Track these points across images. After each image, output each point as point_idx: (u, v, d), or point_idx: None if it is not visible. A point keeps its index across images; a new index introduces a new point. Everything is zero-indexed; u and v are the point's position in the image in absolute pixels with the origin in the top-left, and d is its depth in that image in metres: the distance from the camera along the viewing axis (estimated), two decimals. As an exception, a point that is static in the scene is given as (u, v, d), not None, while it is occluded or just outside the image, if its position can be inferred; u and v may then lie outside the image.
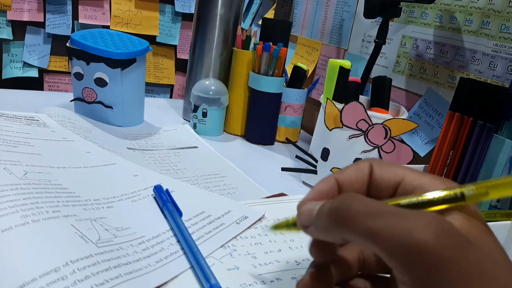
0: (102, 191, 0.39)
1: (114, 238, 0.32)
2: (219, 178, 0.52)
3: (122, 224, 0.34)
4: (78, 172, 0.42)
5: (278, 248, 0.36)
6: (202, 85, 0.68)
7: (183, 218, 0.36)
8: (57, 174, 0.39)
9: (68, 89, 1.37)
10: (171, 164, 0.54)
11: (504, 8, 0.50)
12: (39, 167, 0.40)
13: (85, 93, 0.63)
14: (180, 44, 1.47)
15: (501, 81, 0.50)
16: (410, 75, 0.62)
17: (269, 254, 0.35)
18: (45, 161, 0.41)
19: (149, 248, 0.32)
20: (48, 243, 0.27)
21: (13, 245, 0.26)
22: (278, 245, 0.36)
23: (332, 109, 0.51)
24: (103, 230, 0.32)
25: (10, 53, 1.30)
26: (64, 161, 0.43)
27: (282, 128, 0.73)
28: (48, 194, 0.34)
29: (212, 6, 0.72)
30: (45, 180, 0.37)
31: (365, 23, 0.72)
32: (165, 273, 0.29)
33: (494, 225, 0.35)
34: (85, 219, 0.32)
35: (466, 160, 0.43)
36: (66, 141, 0.49)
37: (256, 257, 0.34)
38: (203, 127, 0.69)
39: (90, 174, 0.42)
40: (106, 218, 0.34)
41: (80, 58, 0.61)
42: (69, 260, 0.26)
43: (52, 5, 1.28)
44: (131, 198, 0.39)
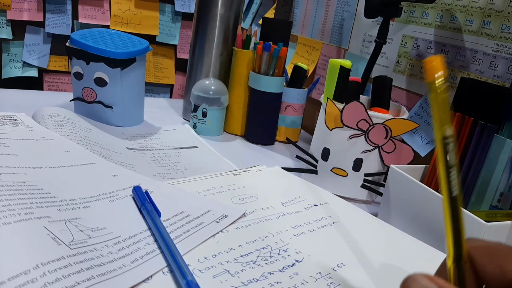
0: (79, 191, 0.38)
1: (89, 239, 0.31)
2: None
3: (98, 224, 0.33)
4: (55, 172, 0.41)
5: (261, 246, 0.35)
6: (202, 85, 0.68)
7: (161, 218, 0.36)
8: (32, 174, 0.39)
9: (68, 88, 1.37)
10: (171, 164, 0.54)
11: (505, 8, 0.49)
12: (14, 168, 0.39)
13: (85, 93, 0.63)
14: (180, 44, 1.47)
15: (502, 81, 0.49)
16: (410, 75, 0.62)
17: (248, 255, 0.34)
18: (21, 161, 0.41)
19: (125, 248, 0.31)
20: (18, 246, 0.27)
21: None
22: (259, 244, 0.35)
23: (332, 109, 0.51)
24: (77, 231, 0.31)
25: (10, 52, 1.30)
26: (41, 161, 0.42)
27: (282, 128, 0.72)
28: (21, 196, 0.34)
29: (212, 6, 0.72)
30: (19, 182, 0.36)
31: (366, 23, 0.72)
32: (140, 272, 0.29)
33: (495, 225, 0.35)
34: (58, 220, 0.32)
35: (467, 160, 0.43)
36: (45, 140, 0.48)
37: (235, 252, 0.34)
38: (203, 127, 0.69)
39: (68, 174, 0.41)
40: (81, 219, 0.33)
41: (80, 58, 0.61)
42: (40, 262, 0.26)
43: (51, 4, 1.28)
44: (109, 198, 0.38)
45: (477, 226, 0.35)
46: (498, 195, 0.41)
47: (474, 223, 0.36)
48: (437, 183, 0.45)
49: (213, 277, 0.29)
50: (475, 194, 0.42)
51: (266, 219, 0.39)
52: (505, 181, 0.41)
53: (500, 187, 0.41)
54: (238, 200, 0.42)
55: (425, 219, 0.41)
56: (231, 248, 0.33)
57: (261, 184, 0.46)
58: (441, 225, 0.40)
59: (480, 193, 0.42)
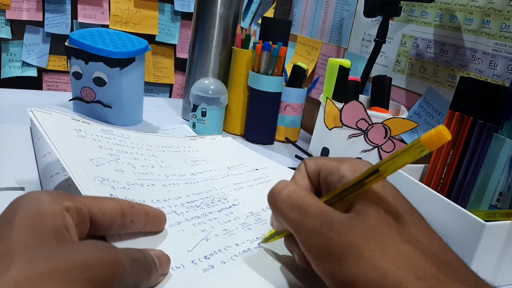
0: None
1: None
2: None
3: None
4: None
5: (205, 196, 0.39)
6: (202, 85, 0.68)
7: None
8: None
9: (67, 88, 1.37)
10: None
11: (504, 7, 0.49)
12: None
13: (84, 93, 0.63)
14: (179, 43, 1.47)
15: (502, 80, 0.49)
16: (410, 74, 0.62)
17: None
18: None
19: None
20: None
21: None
22: (203, 195, 0.39)
23: (331, 108, 0.51)
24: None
25: (9, 52, 1.30)
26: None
27: (282, 128, 0.72)
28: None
29: (211, 5, 0.72)
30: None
31: (365, 22, 0.72)
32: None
33: (494, 225, 0.35)
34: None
35: (466, 159, 0.43)
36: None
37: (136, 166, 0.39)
38: (203, 126, 0.69)
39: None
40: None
41: (79, 58, 0.61)
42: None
43: (51, 4, 1.28)
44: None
45: (476, 226, 0.35)
46: (497, 195, 0.41)
47: (473, 222, 0.36)
48: (436, 182, 0.45)
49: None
50: (474, 193, 0.42)
51: (212, 178, 0.43)
52: (505, 180, 0.41)
53: (499, 186, 0.41)
54: (190, 161, 0.46)
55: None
56: (179, 196, 0.37)
57: (213, 151, 0.51)
58: (441, 225, 0.40)
59: (479, 193, 0.42)
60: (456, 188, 0.43)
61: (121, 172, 0.37)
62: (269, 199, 0.27)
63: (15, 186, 0.38)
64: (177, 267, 0.27)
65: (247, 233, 0.34)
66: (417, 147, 0.22)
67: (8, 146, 0.48)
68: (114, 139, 0.42)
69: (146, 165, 0.41)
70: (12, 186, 0.38)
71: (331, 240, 0.23)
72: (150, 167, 0.41)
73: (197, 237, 0.32)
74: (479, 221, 0.35)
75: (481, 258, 0.36)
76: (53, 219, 0.22)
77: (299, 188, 0.26)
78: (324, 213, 0.24)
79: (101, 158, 0.37)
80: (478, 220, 0.35)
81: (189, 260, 0.29)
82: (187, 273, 0.27)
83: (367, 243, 0.22)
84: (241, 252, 0.31)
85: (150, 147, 0.45)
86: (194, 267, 0.28)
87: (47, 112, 0.38)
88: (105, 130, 0.43)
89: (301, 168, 0.29)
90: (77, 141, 0.38)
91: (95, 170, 0.35)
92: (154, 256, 0.25)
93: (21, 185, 0.39)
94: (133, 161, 0.40)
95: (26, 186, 0.39)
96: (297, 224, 0.25)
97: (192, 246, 0.30)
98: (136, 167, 0.39)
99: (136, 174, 0.38)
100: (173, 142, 0.49)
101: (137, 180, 0.37)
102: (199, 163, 0.46)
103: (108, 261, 0.21)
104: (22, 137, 0.52)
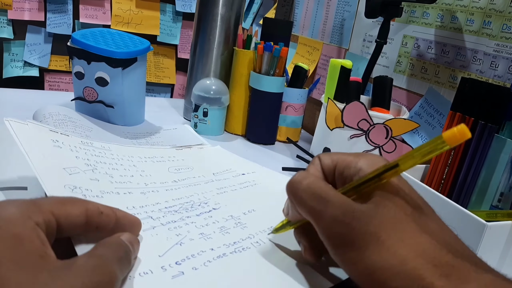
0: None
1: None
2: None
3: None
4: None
5: (185, 201, 0.38)
6: (203, 85, 0.68)
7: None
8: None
9: (69, 88, 1.37)
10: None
11: (505, 8, 0.49)
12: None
13: (86, 93, 0.63)
14: (180, 44, 1.47)
15: (503, 81, 0.49)
16: (411, 75, 0.62)
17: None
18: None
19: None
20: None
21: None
22: (183, 200, 0.38)
23: (333, 108, 0.51)
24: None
25: (11, 52, 1.30)
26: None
27: (283, 128, 0.72)
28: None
29: (213, 6, 0.72)
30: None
31: (366, 23, 0.72)
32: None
33: (495, 225, 0.35)
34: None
35: (468, 160, 0.43)
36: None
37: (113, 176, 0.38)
38: (204, 126, 0.69)
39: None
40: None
41: (81, 58, 0.61)
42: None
43: (53, 4, 1.28)
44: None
45: (478, 226, 0.35)
46: (498, 195, 0.41)
47: (475, 223, 0.36)
48: (437, 183, 0.45)
49: None
50: (475, 194, 0.42)
51: (195, 184, 0.42)
52: (506, 181, 0.41)
53: (500, 187, 0.41)
54: (174, 170, 0.44)
55: (425, 218, 0.41)
56: (157, 202, 0.36)
57: (199, 159, 0.50)
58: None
59: (480, 193, 0.42)
60: (457, 189, 0.43)
61: (96, 181, 0.36)
62: (289, 188, 0.28)
63: (18, 185, 0.39)
64: (145, 273, 0.26)
65: (224, 237, 0.32)
66: (438, 144, 0.22)
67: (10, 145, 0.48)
68: (94, 151, 0.41)
69: (125, 174, 0.39)
70: (15, 186, 0.38)
71: (353, 229, 0.24)
72: (129, 176, 0.39)
73: (170, 241, 0.30)
74: (480, 221, 0.35)
75: (483, 259, 0.36)
76: (31, 241, 0.21)
77: (319, 179, 0.27)
78: (345, 203, 0.25)
79: (76, 167, 0.36)
80: (479, 221, 0.35)
81: (159, 265, 0.27)
82: (154, 279, 0.26)
83: (387, 232, 0.23)
84: (216, 257, 0.30)
85: (132, 158, 0.44)
86: (163, 273, 0.27)
87: (24, 123, 0.37)
88: (84, 143, 0.42)
89: (316, 163, 0.30)
90: (52, 150, 0.36)
91: (67, 178, 0.34)
92: (128, 243, 0.25)
93: (24, 185, 0.39)
94: (111, 171, 0.39)
95: (29, 186, 0.39)
96: (318, 213, 0.26)
97: (164, 251, 0.29)
98: (113, 177, 0.38)
99: (113, 183, 0.37)
100: (157, 152, 0.47)
101: (113, 188, 0.36)
102: (182, 171, 0.45)
103: (104, 281, 0.21)
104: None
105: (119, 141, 0.59)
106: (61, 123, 0.55)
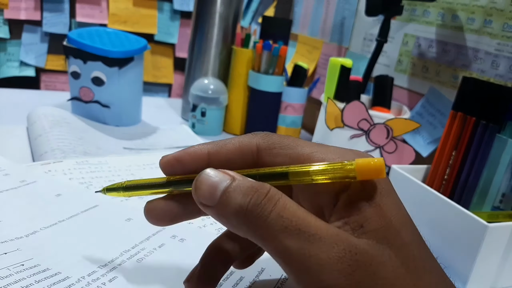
0: (96, 256, 0.29)
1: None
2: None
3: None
4: (54, 233, 0.31)
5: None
6: (201, 84, 0.68)
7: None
8: (28, 247, 0.28)
9: (65, 88, 1.36)
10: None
11: (506, 7, 0.49)
12: (3, 243, 0.28)
13: (82, 93, 0.62)
14: (178, 43, 1.46)
15: (504, 80, 0.49)
16: (412, 74, 0.62)
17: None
18: (8, 231, 0.30)
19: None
20: None
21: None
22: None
23: (333, 108, 0.51)
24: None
25: (7, 52, 1.29)
26: (31, 222, 0.31)
27: (283, 128, 0.72)
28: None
29: (211, 4, 0.71)
30: (16, 265, 0.26)
31: (367, 21, 0.71)
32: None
33: (497, 226, 0.35)
34: None
35: (469, 160, 0.42)
36: (26, 185, 0.37)
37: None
38: (202, 126, 0.68)
39: (68, 232, 0.31)
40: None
41: (77, 57, 0.60)
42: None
43: (49, 3, 1.27)
44: (136, 256, 0.30)
45: (479, 227, 0.35)
46: (500, 196, 0.41)
47: (476, 224, 0.35)
48: (439, 183, 0.45)
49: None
50: (476, 195, 0.42)
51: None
52: (507, 181, 0.41)
53: (502, 187, 0.41)
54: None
55: (426, 220, 0.41)
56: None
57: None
58: (443, 226, 0.39)
59: (482, 194, 0.41)
60: (459, 189, 0.43)
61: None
62: (243, 219, 0.19)
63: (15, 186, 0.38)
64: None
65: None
66: (346, 170, 0.19)
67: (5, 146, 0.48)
68: (89, 167, 0.41)
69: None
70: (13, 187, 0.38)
71: (359, 283, 0.17)
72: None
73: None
74: (481, 222, 0.35)
75: (484, 260, 0.36)
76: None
77: (291, 201, 0.19)
78: (340, 238, 0.18)
79: (70, 187, 0.36)
80: (480, 222, 0.35)
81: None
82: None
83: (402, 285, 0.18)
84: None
85: (130, 167, 0.44)
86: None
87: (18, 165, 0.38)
88: (79, 162, 0.42)
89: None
90: (44, 178, 0.37)
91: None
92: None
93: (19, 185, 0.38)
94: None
95: None
96: (297, 254, 0.18)
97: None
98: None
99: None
100: (156, 159, 0.47)
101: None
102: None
103: None
104: (19, 137, 0.52)
105: (114, 142, 0.58)
106: (56, 125, 0.54)
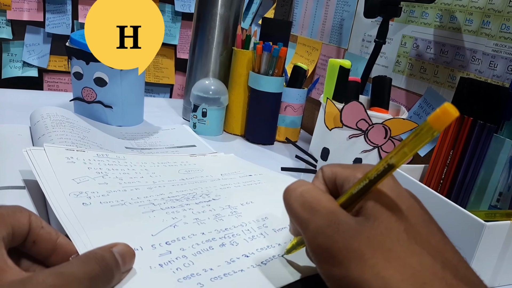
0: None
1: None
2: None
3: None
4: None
5: (188, 192, 0.39)
6: (202, 85, 0.68)
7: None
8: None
9: (68, 88, 1.37)
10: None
11: (504, 8, 0.49)
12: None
13: (85, 93, 0.63)
14: (180, 44, 1.47)
15: (501, 81, 0.49)
16: (410, 75, 0.62)
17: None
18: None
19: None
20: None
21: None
22: (186, 192, 0.39)
23: (332, 108, 0.51)
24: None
25: (10, 52, 1.30)
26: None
27: (282, 128, 0.72)
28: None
29: (212, 6, 0.72)
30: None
31: (365, 23, 0.72)
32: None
33: (494, 225, 0.35)
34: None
35: (466, 160, 0.43)
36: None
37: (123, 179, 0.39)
38: (203, 126, 0.69)
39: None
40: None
41: (79, 58, 0.61)
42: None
43: (51, 4, 1.28)
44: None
45: (476, 226, 0.35)
46: (497, 195, 0.41)
47: (473, 222, 0.36)
48: (436, 183, 0.45)
49: (138, 206, 0.34)
50: (474, 193, 0.42)
51: (201, 181, 0.43)
52: (504, 180, 0.41)
53: (499, 186, 0.41)
54: (184, 171, 0.45)
55: (424, 218, 0.41)
56: (161, 193, 0.38)
57: (211, 164, 0.50)
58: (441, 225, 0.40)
59: (479, 193, 0.42)
60: (456, 188, 0.43)
61: (105, 184, 0.37)
62: (284, 196, 0.27)
63: (16, 185, 0.39)
64: (136, 249, 0.27)
65: (217, 224, 0.34)
66: (426, 130, 0.20)
67: (8, 145, 0.48)
68: (107, 161, 0.42)
69: (134, 176, 0.40)
70: (14, 185, 0.38)
71: (336, 243, 0.22)
72: (139, 177, 0.40)
73: (165, 223, 0.32)
74: (479, 221, 0.35)
75: (481, 258, 0.36)
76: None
77: (315, 188, 0.26)
78: (332, 214, 0.23)
79: (86, 176, 0.37)
80: (478, 220, 0.35)
81: (150, 243, 0.29)
82: (142, 255, 0.27)
83: (372, 250, 0.21)
84: (204, 241, 0.31)
85: (145, 164, 0.45)
86: (152, 251, 0.28)
87: (40, 148, 0.38)
88: (100, 155, 0.42)
89: (319, 175, 0.29)
90: (64, 166, 0.37)
91: (75, 186, 0.34)
92: (117, 255, 0.24)
93: (22, 184, 0.39)
94: (121, 175, 0.39)
95: (27, 185, 0.39)
96: (304, 223, 0.24)
97: (157, 231, 0.31)
98: (123, 179, 0.39)
99: (121, 184, 0.38)
100: (171, 159, 0.48)
101: (121, 187, 0.37)
102: (192, 172, 0.46)
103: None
104: (22, 136, 0.52)
105: (116, 142, 0.58)
106: (59, 124, 0.54)
